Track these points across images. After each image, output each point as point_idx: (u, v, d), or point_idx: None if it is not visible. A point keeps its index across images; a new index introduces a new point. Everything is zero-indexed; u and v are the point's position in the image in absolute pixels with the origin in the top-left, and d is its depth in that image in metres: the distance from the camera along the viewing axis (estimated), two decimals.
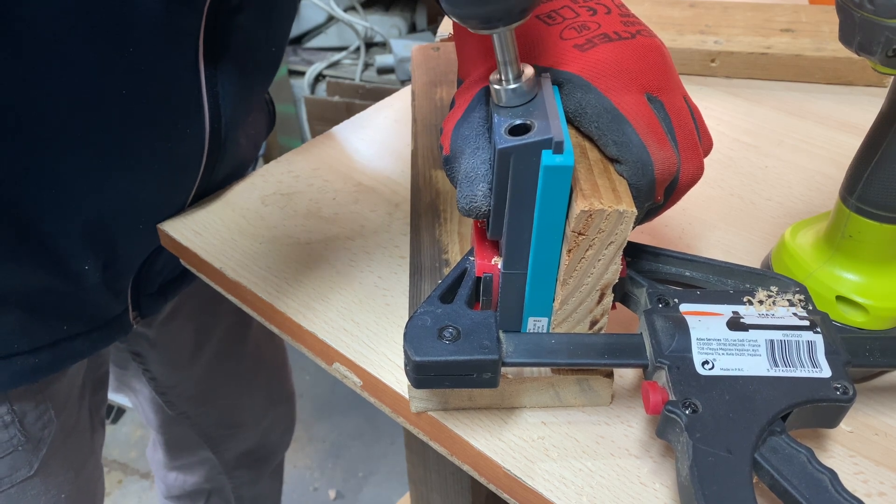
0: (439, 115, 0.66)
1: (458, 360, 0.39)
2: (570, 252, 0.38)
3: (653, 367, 0.40)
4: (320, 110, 2.13)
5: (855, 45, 0.39)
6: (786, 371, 0.39)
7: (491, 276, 0.42)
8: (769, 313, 0.41)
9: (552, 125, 0.36)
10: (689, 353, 0.39)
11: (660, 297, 0.43)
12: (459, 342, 0.40)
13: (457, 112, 0.42)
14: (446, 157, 0.41)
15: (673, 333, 0.40)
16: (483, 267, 0.42)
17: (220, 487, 1.06)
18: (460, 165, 0.40)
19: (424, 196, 0.57)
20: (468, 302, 0.42)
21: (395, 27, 2.19)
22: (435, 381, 0.40)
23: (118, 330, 0.66)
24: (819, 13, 0.80)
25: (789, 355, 0.39)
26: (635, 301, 0.45)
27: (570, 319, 0.42)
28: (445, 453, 0.47)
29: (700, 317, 0.41)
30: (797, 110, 0.72)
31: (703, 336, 0.40)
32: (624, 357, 0.41)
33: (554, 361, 0.41)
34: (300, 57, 2.23)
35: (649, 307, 0.42)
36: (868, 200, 0.44)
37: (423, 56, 0.74)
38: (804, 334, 0.40)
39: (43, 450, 0.65)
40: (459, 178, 0.40)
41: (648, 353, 0.41)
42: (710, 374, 0.39)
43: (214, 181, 0.63)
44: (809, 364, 0.39)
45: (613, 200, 0.37)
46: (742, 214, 0.61)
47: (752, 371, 0.39)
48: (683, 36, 0.77)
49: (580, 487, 0.41)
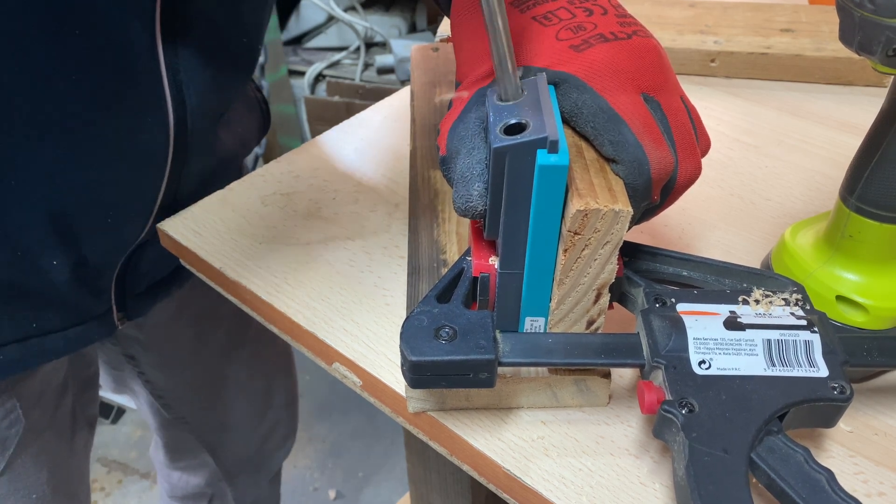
0: (438, 115, 0.66)
1: (454, 360, 0.39)
2: (567, 252, 0.38)
3: (649, 366, 0.40)
4: (320, 110, 2.13)
5: (855, 44, 0.39)
6: (783, 371, 0.39)
7: (488, 275, 0.42)
8: (766, 313, 0.41)
9: (547, 124, 0.36)
10: (685, 353, 0.39)
11: (657, 296, 0.43)
12: (456, 342, 0.39)
13: (453, 113, 0.42)
14: (443, 157, 0.41)
15: (670, 333, 0.40)
16: (480, 267, 0.42)
17: (221, 493, 1.06)
18: (456, 165, 0.40)
19: (423, 196, 0.57)
20: (465, 302, 0.42)
21: (395, 27, 2.20)
22: (431, 381, 0.40)
23: (99, 330, 0.65)
24: (819, 13, 0.80)
25: (786, 355, 0.39)
26: (632, 301, 0.45)
27: (566, 319, 0.42)
28: (445, 453, 0.47)
29: (697, 316, 0.41)
30: (797, 110, 0.72)
31: (699, 336, 0.40)
32: (621, 357, 0.41)
33: (550, 361, 0.41)
34: (300, 57, 2.23)
35: (646, 307, 0.42)
36: (868, 200, 0.44)
37: (422, 56, 0.74)
38: (801, 334, 0.40)
39: (10, 449, 0.63)
40: (455, 178, 0.40)
41: (645, 353, 0.41)
42: (706, 374, 0.39)
43: (190, 178, 0.61)
44: (807, 363, 0.39)
45: (609, 200, 0.36)
46: (742, 214, 0.61)
47: (749, 371, 0.39)
48: (683, 36, 0.77)
49: (580, 487, 0.41)
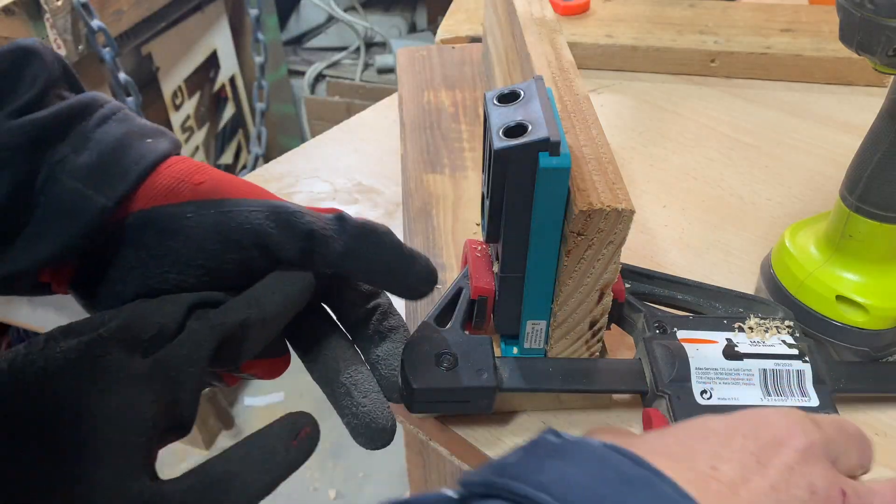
0: (427, 117, 0.66)
1: (455, 388, 0.39)
2: (570, 252, 0.38)
3: (653, 394, 0.41)
4: (320, 110, 2.13)
5: (855, 44, 0.39)
6: (777, 400, 0.40)
7: (486, 298, 0.43)
8: (761, 341, 0.43)
9: (549, 126, 0.36)
10: (688, 383, 0.40)
11: (658, 322, 0.43)
12: (457, 369, 0.40)
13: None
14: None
15: (673, 362, 0.41)
16: (479, 290, 0.43)
17: None
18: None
19: (416, 200, 0.57)
20: (462, 324, 0.42)
21: (395, 27, 2.20)
22: (431, 407, 0.41)
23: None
24: (819, 13, 0.80)
25: (780, 385, 0.41)
26: (631, 324, 0.46)
27: (569, 320, 0.41)
28: (445, 453, 0.47)
29: (698, 345, 0.42)
30: (797, 110, 0.72)
31: (701, 365, 0.41)
32: (623, 384, 0.42)
33: (550, 388, 0.42)
34: (300, 57, 2.23)
35: (648, 334, 0.43)
36: (868, 200, 0.44)
37: (409, 59, 0.74)
38: (794, 363, 0.41)
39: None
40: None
41: (648, 381, 0.41)
42: (708, 404, 0.40)
43: None
44: (799, 393, 0.40)
45: (612, 199, 0.36)
46: (742, 214, 0.61)
47: (747, 400, 0.40)
48: (683, 36, 0.77)
49: None
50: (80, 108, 0.35)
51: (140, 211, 0.35)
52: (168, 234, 0.34)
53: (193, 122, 1.72)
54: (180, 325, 0.33)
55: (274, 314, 0.35)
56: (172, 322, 0.33)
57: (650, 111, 0.73)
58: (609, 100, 0.75)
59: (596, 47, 0.77)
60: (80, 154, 0.34)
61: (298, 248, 0.36)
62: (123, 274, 0.35)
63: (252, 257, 0.35)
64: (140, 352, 0.31)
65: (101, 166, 0.34)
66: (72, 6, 1.17)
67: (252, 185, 0.37)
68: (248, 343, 0.34)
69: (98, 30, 1.21)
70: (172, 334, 0.32)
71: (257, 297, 0.35)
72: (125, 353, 0.31)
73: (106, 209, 0.33)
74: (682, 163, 0.66)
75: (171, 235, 0.34)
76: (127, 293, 0.35)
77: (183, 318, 0.33)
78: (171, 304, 0.33)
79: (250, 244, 0.35)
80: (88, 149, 0.34)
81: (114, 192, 0.34)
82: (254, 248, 0.35)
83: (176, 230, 0.34)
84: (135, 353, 0.31)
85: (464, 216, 0.55)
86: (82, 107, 0.35)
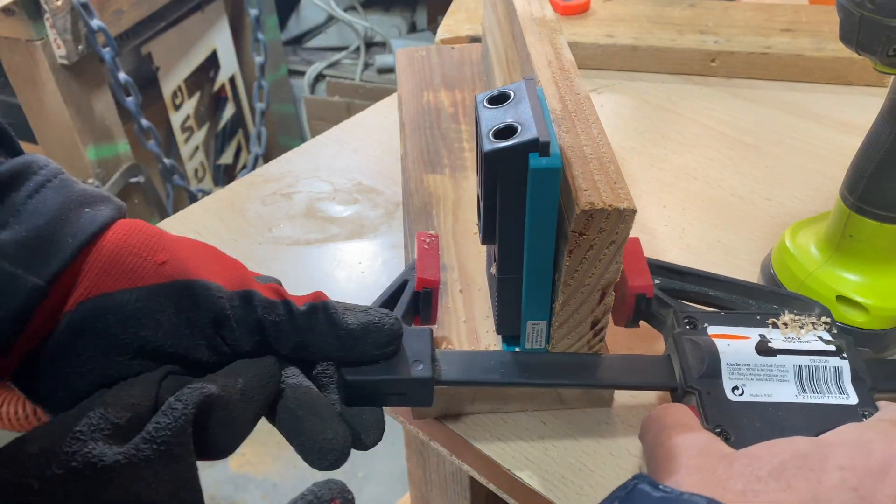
0: (427, 117, 0.66)
1: (389, 380, 0.38)
2: (571, 253, 0.38)
3: (682, 391, 0.40)
4: (320, 110, 2.13)
5: (855, 44, 0.39)
6: (814, 398, 0.38)
7: (431, 290, 0.42)
8: (796, 337, 0.41)
9: (538, 127, 0.35)
10: (719, 379, 0.39)
11: (688, 318, 0.42)
12: (391, 361, 0.38)
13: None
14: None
15: (703, 358, 0.40)
16: (423, 282, 0.42)
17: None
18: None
19: (416, 200, 0.57)
20: (406, 315, 0.42)
21: (395, 27, 2.19)
22: (367, 401, 0.38)
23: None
24: (819, 13, 0.80)
25: (817, 381, 0.39)
26: (661, 321, 0.44)
27: (571, 320, 0.41)
28: (445, 453, 0.47)
29: (729, 341, 0.41)
30: (797, 110, 0.72)
31: (732, 361, 0.40)
32: (650, 378, 0.41)
33: (490, 381, 0.41)
34: (300, 57, 2.23)
35: (678, 329, 0.42)
36: (868, 200, 0.44)
37: (409, 59, 0.74)
38: (831, 360, 0.40)
39: None
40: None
41: (678, 377, 0.40)
42: (740, 401, 0.38)
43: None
44: (836, 391, 0.39)
45: (613, 199, 0.36)
46: (742, 214, 0.61)
47: (781, 397, 0.38)
48: (683, 36, 0.77)
49: (580, 487, 0.41)
50: (11, 177, 0.31)
51: (103, 295, 0.32)
52: (133, 322, 0.32)
53: (193, 122, 1.72)
54: (154, 402, 0.31)
55: (252, 386, 0.34)
56: (146, 399, 0.31)
57: (650, 111, 0.73)
58: (609, 100, 0.75)
59: (596, 47, 0.77)
60: (7, 229, 0.30)
61: (255, 341, 0.35)
62: (79, 364, 0.32)
63: (218, 344, 0.34)
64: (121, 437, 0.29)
65: (32, 242, 0.31)
66: (72, 6, 1.17)
67: (213, 253, 0.36)
68: (232, 421, 0.32)
69: (98, 30, 1.21)
70: (149, 412, 0.31)
71: (233, 369, 0.34)
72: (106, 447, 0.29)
73: (37, 289, 0.30)
74: (682, 163, 0.66)
75: (136, 323, 0.32)
76: (81, 385, 0.32)
77: (155, 393, 0.32)
78: (140, 383, 0.32)
79: (215, 332, 0.34)
80: (19, 222, 0.31)
81: (46, 270, 0.31)
82: (218, 337, 0.34)
83: (142, 318, 0.32)
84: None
85: (464, 216, 0.55)
86: (14, 174, 0.32)
